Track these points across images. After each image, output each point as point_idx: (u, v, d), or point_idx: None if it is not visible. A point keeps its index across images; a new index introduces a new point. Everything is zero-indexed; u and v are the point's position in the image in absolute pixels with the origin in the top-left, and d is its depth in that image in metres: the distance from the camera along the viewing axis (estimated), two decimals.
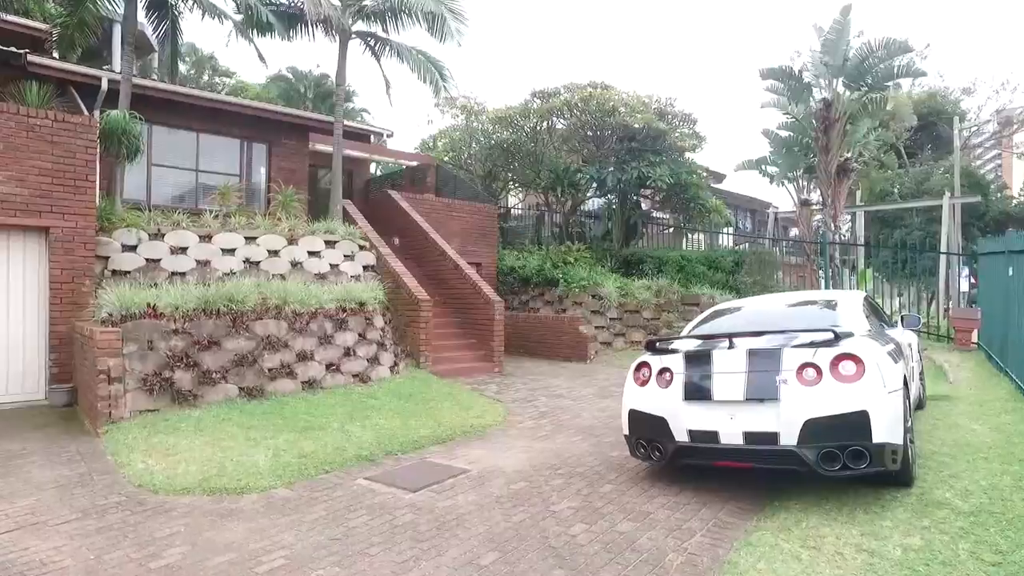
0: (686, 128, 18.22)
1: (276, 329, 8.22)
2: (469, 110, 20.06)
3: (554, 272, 15.31)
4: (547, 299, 15.45)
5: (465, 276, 12.15)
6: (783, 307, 5.80)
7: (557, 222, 20.48)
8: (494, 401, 9.05)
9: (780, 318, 5.45)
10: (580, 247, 16.32)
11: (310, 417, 7.24)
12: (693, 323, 5.89)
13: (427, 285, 12.96)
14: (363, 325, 9.34)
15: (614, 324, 14.65)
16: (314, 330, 8.61)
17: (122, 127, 9.07)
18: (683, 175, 17.25)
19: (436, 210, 15.38)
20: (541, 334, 14.50)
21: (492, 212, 16.84)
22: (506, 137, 19.72)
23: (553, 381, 10.96)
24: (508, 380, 10.89)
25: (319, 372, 8.46)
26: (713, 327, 5.57)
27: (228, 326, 7.83)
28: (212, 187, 12.82)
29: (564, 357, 13.86)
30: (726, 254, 16.88)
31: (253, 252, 9.82)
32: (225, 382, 7.58)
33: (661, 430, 4.82)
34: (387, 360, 9.54)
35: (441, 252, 12.81)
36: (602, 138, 18.43)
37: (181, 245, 9.41)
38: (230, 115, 12.94)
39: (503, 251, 17.64)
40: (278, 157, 13.89)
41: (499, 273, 16.78)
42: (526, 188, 22.58)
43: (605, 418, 8.10)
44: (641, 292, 15.19)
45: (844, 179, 14.36)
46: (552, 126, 19.80)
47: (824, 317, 5.18)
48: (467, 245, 16.00)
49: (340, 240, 10.95)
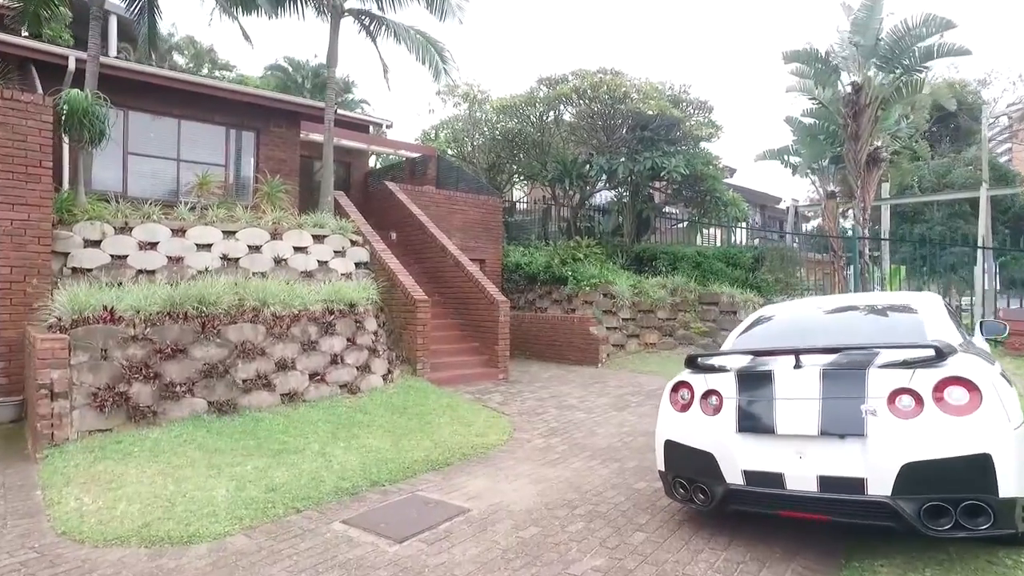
0: (701, 116, 17.20)
1: (252, 334, 7.27)
2: (472, 99, 19.08)
3: (562, 269, 14.34)
4: (555, 298, 14.49)
5: (467, 274, 11.19)
6: (850, 313, 4.78)
7: (565, 216, 19.49)
8: (498, 414, 8.09)
9: (850, 327, 4.45)
10: (590, 242, 15.34)
11: (287, 437, 6.30)
12: (737, 332, 4.91)
13: (426, 284, 12.01)
14: (353, 329, 8.39)
15: (627, 325, 13.68)
16: (296, 335, 7.66)
17: (84, 108, 8.12)
18: (699, 166, 16.25)
19: (436, 203, 14.42)
20: (549, 336, 13.55)
21: (496, 205, 15.88)
22: (511, 127, 18.73)
23: (563, 389, 10.01)
24: (514, 388, 9.94)
25: (301, 383, 7.52)
26: (766, 337, 4.58)
27: (197, 331, 6.89)
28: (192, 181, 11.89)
29: (574, 360, 12.91)
30: (745, 250, 15.88)
31: (232, 248, 8.88)
32: (191, 396, 6.64)
33: (707, 468, 3.86)
34: (380, 368, 8.60)
35: (441, 248, 11.85)
36: (612, 127, 17.42)
37: (150, 240, 8.47)
38: (214, 100, 11.98)
39: (508, 247, 16.68)
40: (267, 146, 12.94)
41: (504, 270, 15.83)
42: (532, 181, 21.60)
43: (624, 436, 7.14)
44: (655, 291, 14.22)
45: (874, 169, 13.33)
46: (559, 115, 18.82)
47: (907, 327, 4.19)
48: (469, 240, 15.05)
49: (330, 235, 10.00)
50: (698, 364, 4.20)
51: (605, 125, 17.42)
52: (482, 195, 15.86)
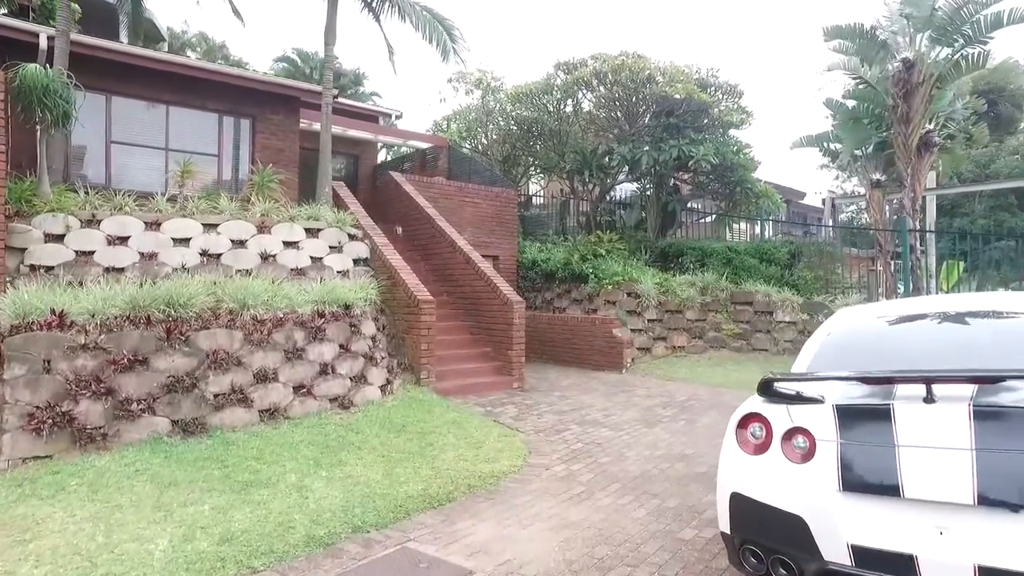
0: (731, 101, 16.00)
1: (227, 341, 6.30)
2: (485, 86, 18.04)
3: (583, 266, 13.27)
4: (575, 297, 13.42)
5: (478, 272, 10.16)
6: (986, 321, 3.60)
7: (584, 210, 18.40)
8: (512, 432, 7.05)
9: (995, 342, 3.31)
10: (613, 237, 14.24)
11: (260, 464, 5.32)
12: (816, 344, 3.79)
13: (433, 282, 11.01)
14: (347, 334, 7.40)
15: (653, 326, 12.57)
16: (279, 342, 6.68)
17: (43, 86, 7.22)
18: (729, 154, 15.06)
19: (446, 195, 13.41)
20: (568, 338, 12.49)
21: (511, 198, 14.83)
22: (526, 116, 17.66)
23: (585, 399, 8.94)
24: (530, 399, 8.89)
25: (284, 397, 6.53)
26: (864, 354, 3.45)
27: (160, 338, 5.93)
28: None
29: (596, 365, 11.84)
30: (780, 245, 14.67)
31: (213, 242, 7.93)
32: (151, 414, 5.68)
33: (794, 537, 2.78)
34: (377, 378, 7.59)
35: (450, 243, 10.84)
36: (635, 114, 16.28)
37: (121, 234, 7.56)
38: (205, 85, 11.08)
39: (524, 242, 15.63)
40: (263, 135, 12.01)
41: (519, 267, 14.79)
42: (549, 174, 20.54)
43: (658, 460, 6.06)
44: (684, 289, 13.09)
45: (926, 155, 12.07)
46: (578, 103, 17.71)
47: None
48: (482, 235, 14.03)
49: (325, 228, 9.03)
50: (776, 391, 3.11)
51: (627, 112, 16.29)
52: (496, 187, 14.83)
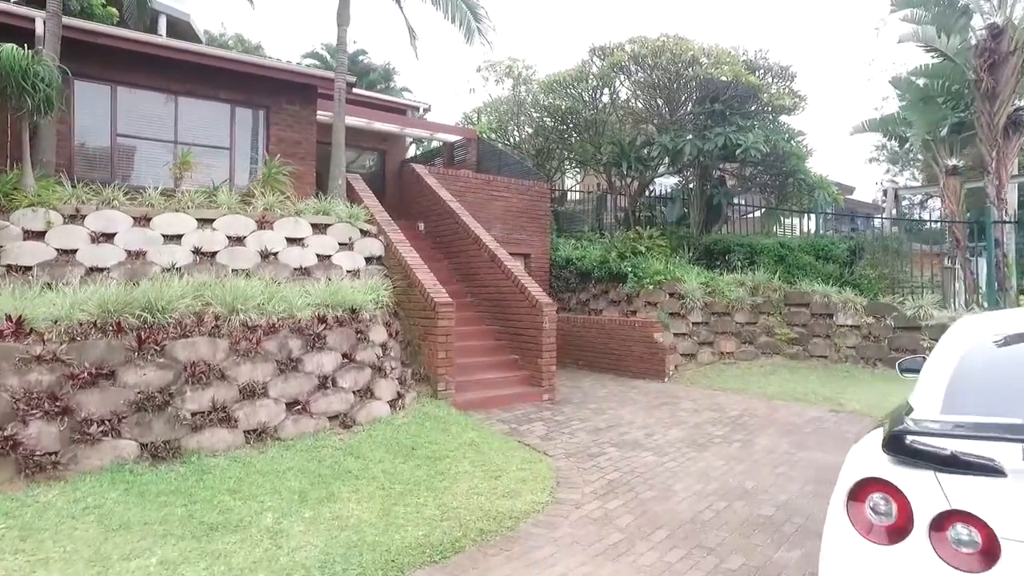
0: (781, 85, 14.67)
1: (209, 351, 5.50)
2: (516, 75, 17.08)
3: (621, 264, 12.20)
4: (612, 298, 12.37)
5: (505, 271, 9.22)
6: None
7: (622, 206, 17.29)
8: (538, 455, 6.09)
9: None
10: (653, 233, 13.14)
11: (235, 500, 4.48)
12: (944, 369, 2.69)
13: (456, 283, 10.13)
14: (352, 341, 6.54)
15: (698, 330, 11.44)
16: (271, 351, 5.86)
17: (21, 68, 6.56)
18: (780, 142, 13.77)
19: (472, 188, 12.52)
20: (605, 342, 11.46)
21: (543, 191, 13.85)
22: (560, 106, 16.63)
23: (623, 413, 7.92)
24: (561, 414, 7.91)
25: (275, 415, 5.70)
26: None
27: (131, 348, 5.16)
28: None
29: (635, 373, 10.78)
30: (839, 241, 13.33)
31: (207, 239, 7.18)
32: (116, 437, 4.90)
33: None
34: (387, 391, 6.72)
35: (474, 239, 9.92)
36: (676, 101, 15.11)
37: (106, 230, 6.86)
38: (216, 73, 10.41)
39: (557, 239, 14.65)
40: (277, 126, 11.29)
41: (552, 266, 13.81)
42: (585, 167, 19.48)
43: (713, 497, 5.02)
44: (732, 289, 11.91)
45: (1015, 136, 10.65)
46: (615, 91, 16.60)
47: None
48: (512, 232, 13.11)
49: (335, 223, 8.22)
50: (913, 449, 2.06)
51: (668, 99, 15.12)
52: (527, 180, 13.88)
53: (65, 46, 9.05)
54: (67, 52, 9.23)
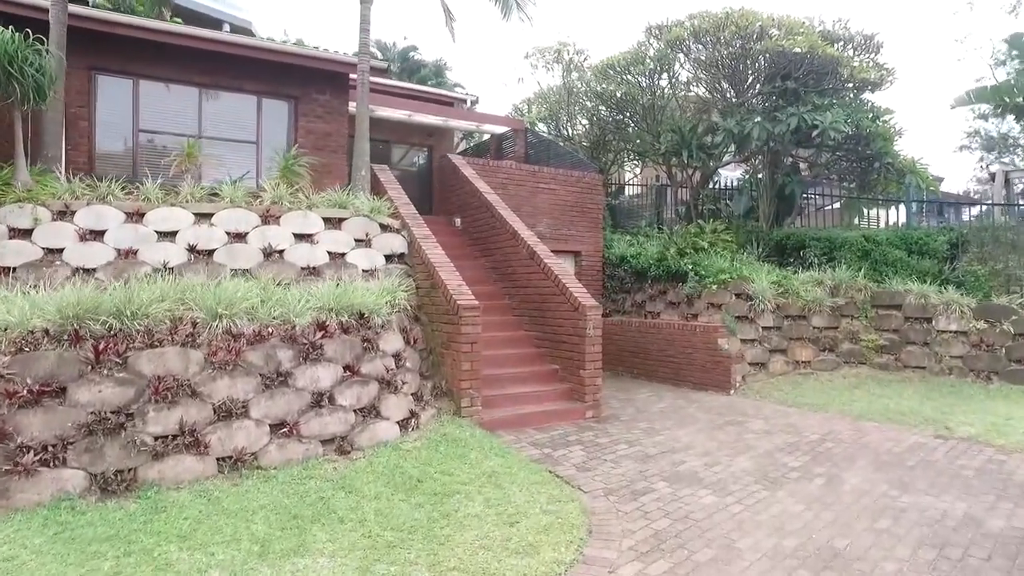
0: (865, 57, 12.97)
1: (180, 363, 4.72)
2: (567, 62, 15.96)
3: (680, 262, 10.93)
4: (671, 300, 11.11)
5: (545, 269, 8.17)
6: None
7: (684, 199, 15.91)
8: (571, 489, 5.01)
9: None
10: (718, 227, 11.79)
11: (182, 550, 3.63)
12: None
13: (492, 283, 9.17)
14: (356, 351, 5.66)
15: (769, 336, 10.04)
16: (256, 364, 5.03)
17: (7, 53, 6.02)
18: (864, 122, 12.12)
19: (516, 180, 11.53)
20: (663, 349, 10.23)
21: (594, 182, 12.72)
22: (615, 93, 15.41)
23: (680, 435, 6.72)
24: (606, 434, 6.78)
25: (256, 439, 4.86)
26: None
27: (86, 361, 4.43)
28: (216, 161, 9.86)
29: (696, 384, 9.53)
30: (937, 232, 11.60)
31: (203, 235, 6.47)
32: (60, 466, 4.15)
33: None
34: (397, 409, 5.79)
35: (512, 235, 8.92)
36: (742, 80, 13.64)
37: (96, 228, 6.25)
38: (241, 63, 9.84)
39: (612, 235, 13.49)
40: (307, 118, 10.65)
41: (605, 265, 12.67)
42: (643, 158, 18.16)
43: (791, 563, 3.82)
44: (808, 289, 10.45)
45: None
46: (674, 75, 15.25)
47: None
48: (561, 227, 12.06)
49: (350, 217, 7.39)
50: None
51: (732, 78, 13.67)
52: (576, 171, 12.78)
53: (85, 40, 8.74)
54: (87, 46, 8.91)
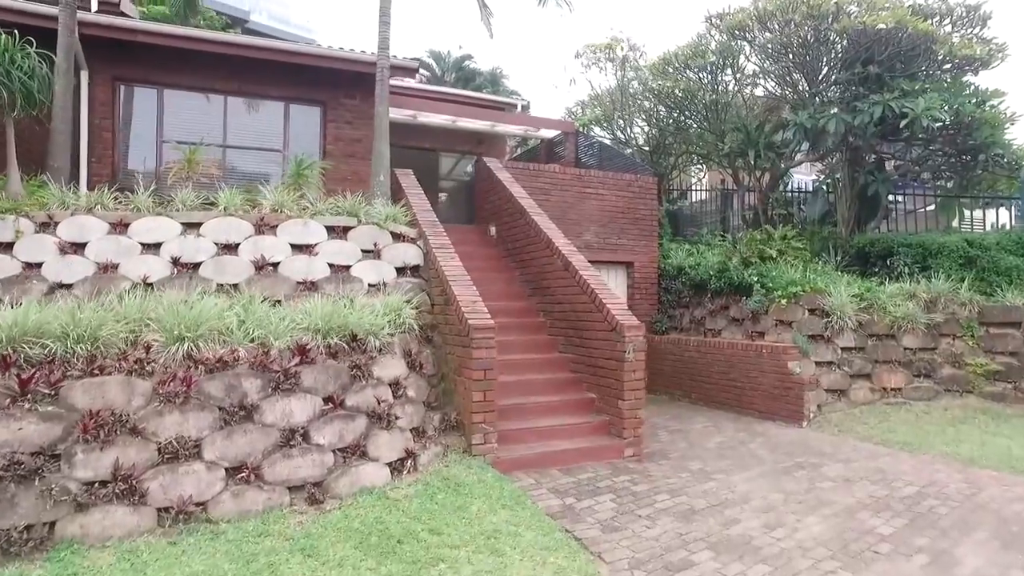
0: (967, 32, 11.26)
1: (122, 395, 4.03)
2: (620, 59, 14.89)
3: (744, 273, 9.64)
4: (734, 315, 9.82)
5: (580, 282, 7.15)
6: None
7: (751, 203, 14.50)
8: (588, 559, 3.97)
9: None
10: (788, 233, 10.43)
11: None
12: None
13: (526, 298, 8.25)
14: (343, 379, 4.85)
15: (850, 358, 8.61)
16: (214, 395, 4.29)
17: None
18: (966, 107, 10.45)
19: (560, 184, 10.58)
20: (724, 372, 9.00)
21: (648, 186, 11.59)
22: (674, 90, 14.22)
23: (736, 482, 5.55)
24: (646, 479, 5.68)
25: (207, 486, 4.09)
26: None
27: (6, 392, 3.80)
28: (240, 171, 9.46)
29: (762, 412, 8.27)
30: None
31: (190, 247, 5.85)
32: None
33: None
34: (388, 448, 4.92)
35: (546, 243, 7.96)
36: (815, 69, 12.18)
37: (79, 240, 5.74)
38: (266, 68, 9.39)
39: (669, 244, 12.30)
40: (335, 123, 10.09)
41: (661, 276, 11.50)
42: (707, 161, 16.81)
43: None
44: (898, 303, 8.95)
45: None
46: (739, 68, 13.93)
47: None
48: (610, 236, 11.01)
49: (357, 225, 6.64)
50: None
51: (804, 66, 12.24)
52: (628, 174, 11.70)
53: (108, 50, 8.50)
54: (110, 56, 8.68)
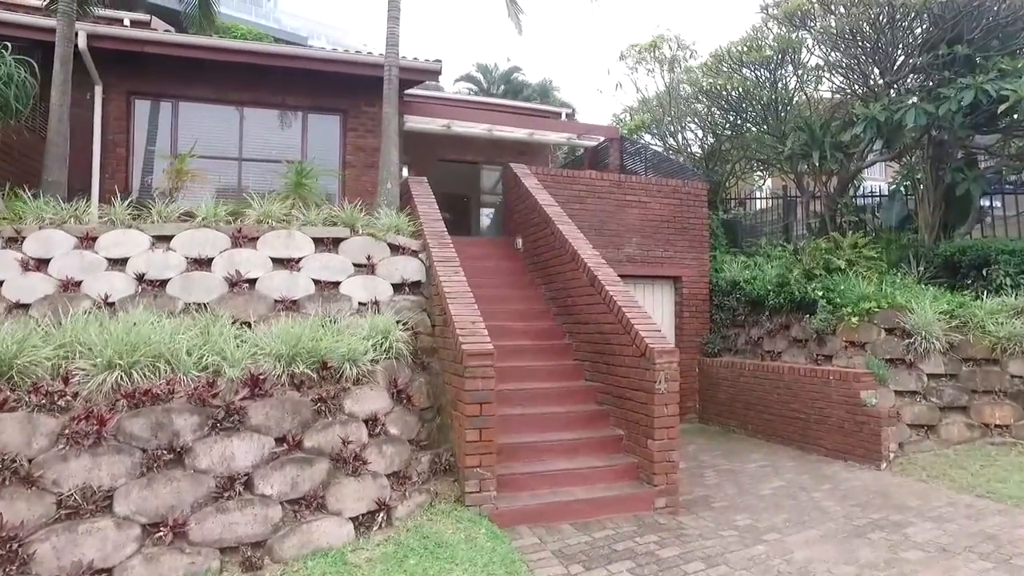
0: None
1: (20, 436, 3.37)
2: (669, 58, 13.82)
3: (807, 287, 8.40)
4: (795, 336, 8.56)
5: (606, 299, 6.17)
6: None
7: (816, 210, 13.07)
8: None
9: None
10: (859, 240, 9.11)
11: None
12: None
13: (550, 318, 7.36)
14: (302, 416, 4.08)
15: (939, 387, 7.24)
16: (138, 436, 3.58)
17: None
18: None
19: (596, 191, 9.63)
20: (785, 401, 7.80)
21: (697, 192, 10.50)
22: (728, 90, 13.04)
23: (792, 546, 4.42)
24: (678, 538, 4.63)
25: (115, 549, 3.35)
26: None
27: None
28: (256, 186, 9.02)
29: (830, 450, 7.04)
30: None
31: (158, 262, 5.25)
32: None
33: None
34: (354, 499, 4.09)
35: (571, 256, 7.03)
36: (890, 52, 10.80)
37: (43, 256, 5.26)
38: (282, 75, 8.95)
39: (722, 256, 11.11)
40: (355, 132, 9.55)
41: (713, 292, 10.35)
42: (767, 167, 15.44)
43: None
44: (1000, 322, 7.51)
45: None
46: (800, 62, 12.64)
47: None
48: (653, 248, 9.96)
49: (350, 237, 5.93)
50: None
51: (875, 52, 10.87)
52: (674, 179, 10.66)
53: (122, 64, 8.33)
54: (124, 71, 8.51)
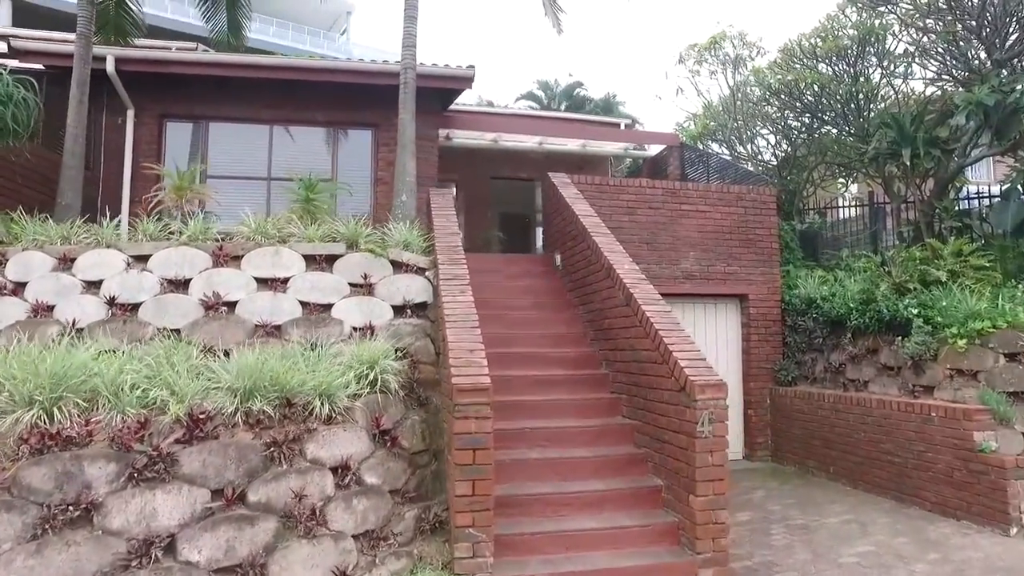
0: None
1: None
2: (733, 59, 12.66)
3: (899, 304, 7.07)
4: (884, 362, 7.21)
5: (644, 321, 5.21)
6: None
7: (910, 217, 11.46)
8: None
9: None
10: (963, 248, 7.66)
11: None
12: None
13: (586, 344, 6.47)
14: (249, 464, 3.40)
15: None
16: (37, 488, 2.99)
17: None
18: None
19: (646, 201, 8.65)
20: (875, 441, 6.53)
21: (764, 200, 9.32)
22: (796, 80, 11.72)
23: None
24: None
25: None
26: None
27: None
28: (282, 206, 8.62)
29: (933, 504, 5.74)
30: None
31: (132, 284, 4.77)
32: None
33: None
34: (307, 567, 3.33)
35: (606, 271, 6.11)
36: (998, 24, 9.27)
37: (22, 279, 4.91)
38: (311, 90, 8.60)
39: (796, 271, 9.82)
40: (387, 147, 9.03)
41: (785, 312, 9.11)
42: (849, 172, 13.87)
43: None
44: None
45: None
46: (884, 51, 11.23)
47: None
48: (713, 262, 8.86)
49: (346, 254, 5.29)
50: None
51: (981, 25, 9.38)
52: (737, 186, 9.54)
53: (153, 87, 8.15)
54: (156, 94, 8.34)
